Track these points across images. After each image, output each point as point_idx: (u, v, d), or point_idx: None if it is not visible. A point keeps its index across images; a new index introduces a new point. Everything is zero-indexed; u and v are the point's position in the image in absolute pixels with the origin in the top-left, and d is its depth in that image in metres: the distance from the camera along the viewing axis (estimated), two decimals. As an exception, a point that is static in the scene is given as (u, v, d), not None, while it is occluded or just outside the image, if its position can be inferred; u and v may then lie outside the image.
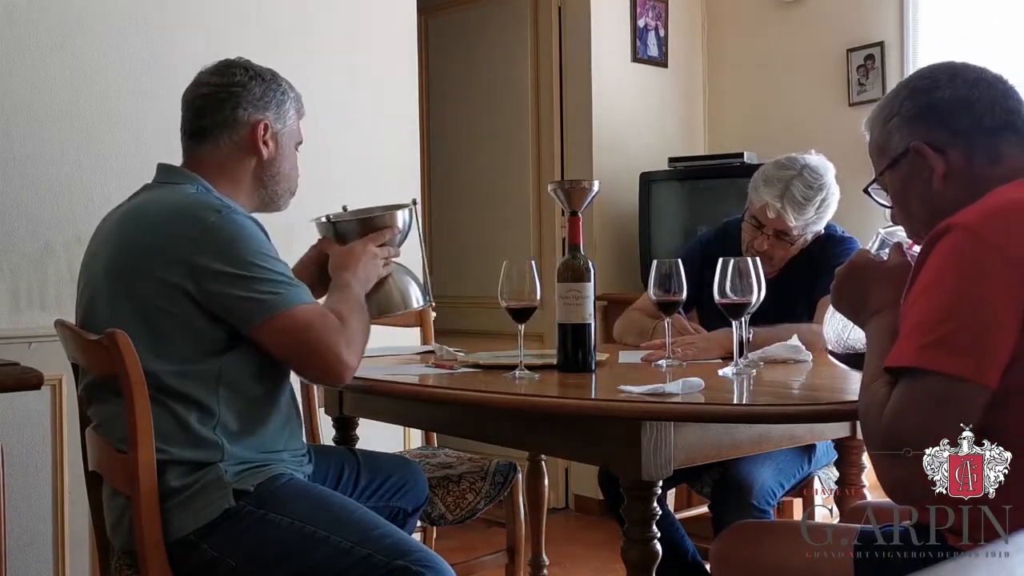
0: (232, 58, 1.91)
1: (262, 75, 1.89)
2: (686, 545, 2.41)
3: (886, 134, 1.49)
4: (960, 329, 1.25)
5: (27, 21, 2.68)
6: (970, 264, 1.27)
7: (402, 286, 2.06)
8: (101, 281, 1.75)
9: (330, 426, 2.49)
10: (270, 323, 1.68)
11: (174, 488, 1.66)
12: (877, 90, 3.89)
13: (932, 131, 1.44)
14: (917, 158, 1.45)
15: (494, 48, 4.53)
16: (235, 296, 1.67)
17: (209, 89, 1.86)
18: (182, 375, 1.68)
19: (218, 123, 1.84)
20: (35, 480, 2.65)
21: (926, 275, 1.31)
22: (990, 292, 1.25)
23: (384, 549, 1.64)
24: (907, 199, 1.49)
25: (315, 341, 1.70)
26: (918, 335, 1.28)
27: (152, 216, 1.75)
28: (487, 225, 4.55)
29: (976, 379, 1.24)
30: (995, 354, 1.24)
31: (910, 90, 1.48)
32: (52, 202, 2.72)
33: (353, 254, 1.93)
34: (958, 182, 1.42)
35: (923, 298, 1.30)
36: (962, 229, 1.29)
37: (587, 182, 2.00)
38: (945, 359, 1.24)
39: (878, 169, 1.53)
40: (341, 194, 3.14)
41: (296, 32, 3.17)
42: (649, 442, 1.60)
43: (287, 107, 1.91)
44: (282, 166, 1.90)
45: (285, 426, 1.83)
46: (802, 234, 2.42)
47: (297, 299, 1.70)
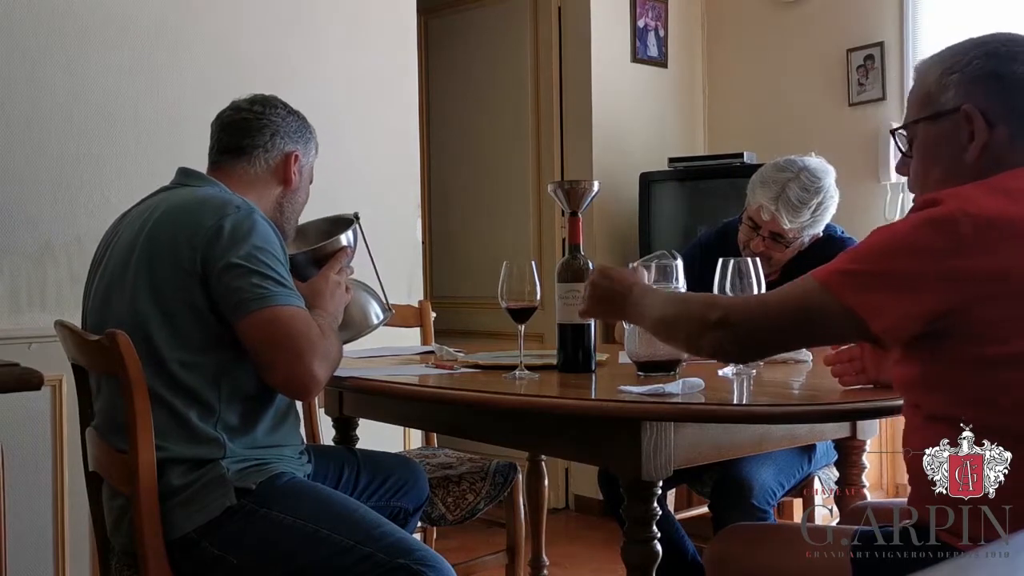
0: (268, 96, 2.01)
1: (296, 114, 2.02)
2: (686, 545, 2.41)
3: (941, 85, 1.41)
4: (887, 277, 1.29)
5: (27, 22, 2.68)
6: (948, 237, 1.26)
7: (362, 303, 2.07)
8: (121, 273, 1.77)
9: (330, 426, 2.49)
10: (256, 315, 1.68)
11: (176, 486, 1.67)
12: (877, 90, 3.90)
13: (990, 100, 1.37)
14: (963, 121, 1.39)
15: (494, 48, 4.53)
16: (235, 287, 1.69)
17: (251, 115, 1.95)
18: (189, 366, 1.70)
19: (258, 144, 1.93)
20: (35, 480, 2.65)
21: (900, 224, 1.33)
22: (946, 270, 1.26)
23: (385, 548, 1.65)
24: (933, 157, 1.44)
25: (294, 344, 1.69)
26: (846, 263, 1.34)
27: (176, 209, 1.78)
28: (487, 225, 4.55)
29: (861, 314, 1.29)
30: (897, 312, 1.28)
31: (985, 52, 1.39)
32: (52, 202, 2.72)
33: (318, 291, 1.94)
34: (991, 159, 1.37)
35: (880, 239, 1.33)
36: (955, 205, 1.27)
37: (587, 182, 2.00)
38: (849, 294, 1.30)
39: (915, 116, 1.46)
40: (341, 194, 3.15)
41: (296, 33, 3.18)
42: (649, 442, 1.60)
43: (311, 145, 2.04)
44: (300, 196, 2.02)
45: (283, 422, 1.83)
46: (798, 237, 2.42)
47: (289, 301, 1.72)
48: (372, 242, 2.39)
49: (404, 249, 3.48)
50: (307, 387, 1.73)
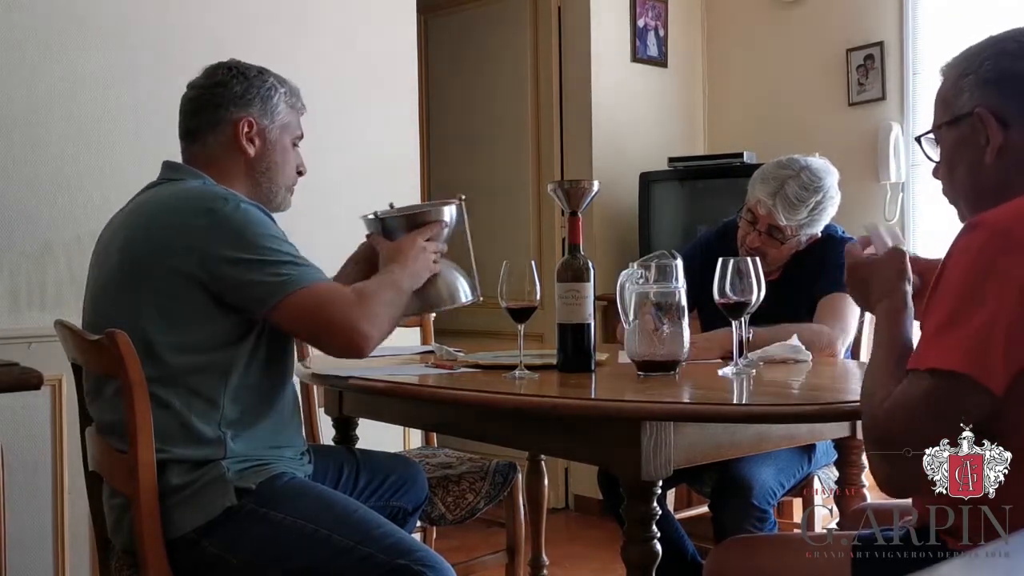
0: (223, 60, 1.93)
1: (245, 72, 1.90)
2: (686, 545, 2.41)
3: (956, 89, 1.40)
4: (975, 331, 1.21)
5: (27, 22, 2.68)
6: (993, 265, 1.23)
7: (450, 280, 2.02)
8: (111, 275, 1.77)
9: (330, 426, 2.48)
10: (285, 302, 1.70)
11: (175, 486, 1.67)
12: (877, 90, 3.90)
13: (1003, 101, 1.35)
14: (977, 124, 1.37)
15: (494, 48, 4.53)
16: (250, 280, 1.69)
17: (195, 92, 1.91)
18: (192, 366, 1.70)
19: (203, 124, 1.88)
20: (35, 480, 2.65)
21: (948, 274, 1.28)
22: (1010, 294, 1.21)
23: (385, 548, 1.65)
24: (955, 162, 1.43)
25: (329, 315, 1.73)
26: (938, 338, 1.25)
27: (162, 208, 1.77)
28: (487, 225, 4.54)
29: (981, 380, 1.21)
30: (1005, 359, 1.21)
31: (996, 51, 1.38)
32: (52, 202, 2.72)
33: (401, 249, 1.93)
34: (1010, 161, 1.36)
35: (945, 298, 1.27)
36: (991, 227, 1.25)
37: (587, 182, 2.00)
38: (956, 359, 1.22)
39: (937, 121, 1.45)
40: (341, 194, 3.15)
41: (296, 33, 3.18)
42: (649, 442, 1.60)
43: (274, 102, 1.90)
44: (272, 162, 1.91)
45: (288, 423, 1.84)
46: (795, 235, 2.42)
47: (309, 278, 1.73)
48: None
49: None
50: (359, 347, 1.76)
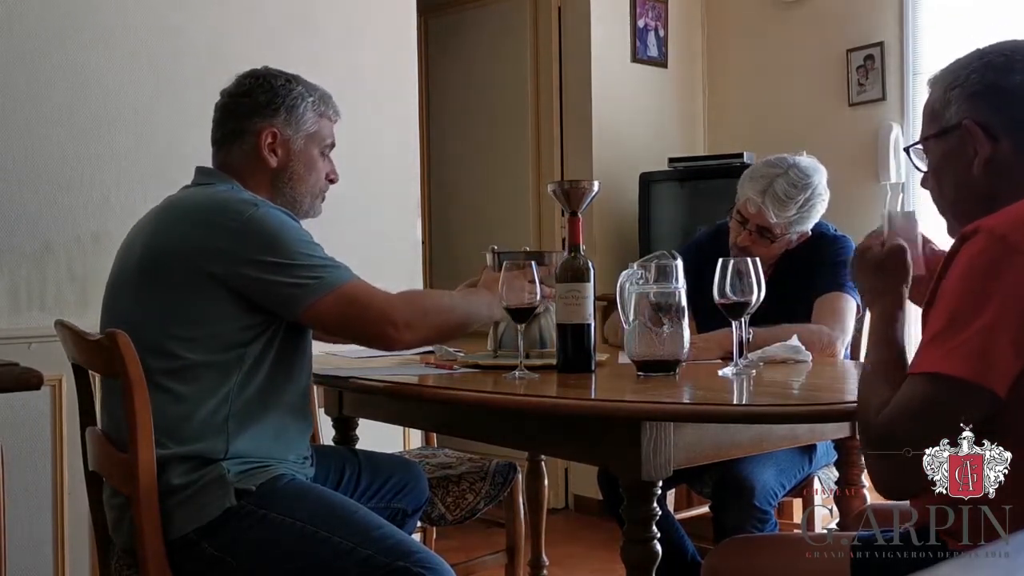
0: (256, 68, 1.94)
1: (271, 81, 1.89)
2: (686, 545, 2.41)
3: (944, 101, 1.41)
4: (975, 335, 1.22)
5: (27, 22, 2.68)
6: (992, 270, 1.23)
7: (550, 328, 2.07)
8: (131, 272, 1.77)
9: (330, 426, 2.48)
10: (318, 304, 1.72)
11: (176, 486, 1.67)
12: (877, 90, 3.90)
13: (991, 114, 1.36)
14: (966, 136, 1.38)
15: (494, 48, 4.53)
16: (282, 283, 1.71)
17: (223, 101, 1.92)
18: (205, 361, 1.70)
19: (228, 134, 1.89)
20: (35, 480, 2.65)
21: (949, 280, 1.28)
22: (1011, 299, 1.22)
23: (385, 550, 1.64)
24: (943, 174, 1.44)
25: (362, 310, 1.76)
26: (937, 344, 1.25)
27: (191, 208, 1.79)
28: (487, 225, 4.55)
29: (983, 382, 1.21)
30: (1007, 362, 1.21)
31: (983, 64, 1.38)
32: (52, 202, 2.72)
33: (494, 278, 1.99)
34: (999, 173, 1.37)
35: (944, 304, 1.27)
36: (988, 233, 1.25)
37: (587, 182, 2.00)
38: (956, 364, 1.22)
39: (925, 133, 1.46)
40: (341, 194, 3.15)
41: (296, 32, 3.18)
42: (649, 442, 1.60)
43: (301, 111, 1.89)
44: (295, 172, 1.90)
45: (293, 424, 1.83)
46: (785, 233, 2.42)
47: (340, 279, 1.75)
48: (371, 241, 2.40)
49: (404, 249, 3.48)
50: (390, 337, 1.79)
